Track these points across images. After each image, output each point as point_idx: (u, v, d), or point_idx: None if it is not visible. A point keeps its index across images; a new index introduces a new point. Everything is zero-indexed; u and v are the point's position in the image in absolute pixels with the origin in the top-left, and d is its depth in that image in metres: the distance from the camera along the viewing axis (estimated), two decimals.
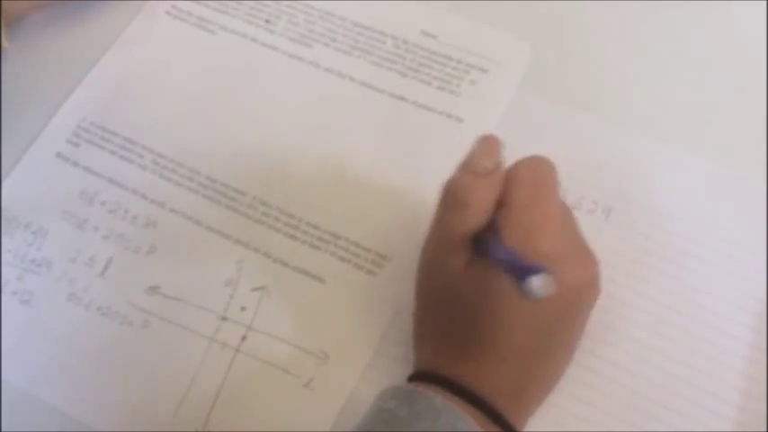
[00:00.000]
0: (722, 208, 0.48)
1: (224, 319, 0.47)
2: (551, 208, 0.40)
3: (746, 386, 0.43)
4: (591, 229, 0.42)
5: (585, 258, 0.41)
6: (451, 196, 0.40)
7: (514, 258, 0.36)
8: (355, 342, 0.46)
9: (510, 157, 0.40)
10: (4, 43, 0.53)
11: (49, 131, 0.54)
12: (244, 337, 0.47)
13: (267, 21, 0.57)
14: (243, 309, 0.47)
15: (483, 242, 0.39)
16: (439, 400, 0.37)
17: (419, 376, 0.41)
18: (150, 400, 0.46)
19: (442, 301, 0.41)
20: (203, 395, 0.45)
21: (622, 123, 0.51)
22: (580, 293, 0.40)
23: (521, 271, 0.33)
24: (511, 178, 0.40)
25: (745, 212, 0.48)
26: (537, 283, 0.32)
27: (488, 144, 0.40)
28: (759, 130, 0.50)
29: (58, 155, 0.53)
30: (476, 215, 0.39)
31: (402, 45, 0.55)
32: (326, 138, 0.52)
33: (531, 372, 0.40)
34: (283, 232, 0.49)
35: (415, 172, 0.50)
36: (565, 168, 0.49)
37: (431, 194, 0.49)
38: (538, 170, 0.41)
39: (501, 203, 0.40)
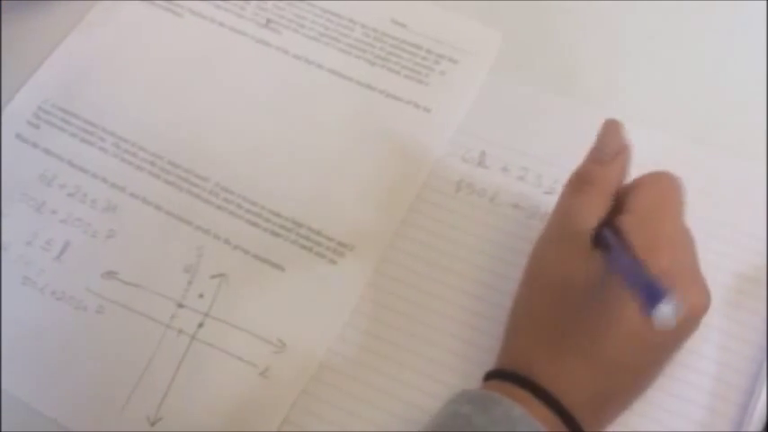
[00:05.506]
0: (720, 193, 0.46)
1: (181, 305, 0.46)
2: (676, 223, 0.39)
3: (744, 367, 0.42)
4: None
5: (701, 286, 0.38)
6: (576, 181, 0.40)
7: (640, 273, 0.33)
8: (314, 331, 0.45)
9: (487, 142, 0.38)
10: None
11: (9, 112, 0.53)
12: (200, 325, 0.46)
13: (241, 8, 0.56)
14: (201, 296, 0.46)
15: (603, 239, 0.37)
16: (517, 410, 0.35)
17: (501, 374, 0.39)
18: (103, 385, 0.45)
19: (551, 290, 0.39)
20: (157, 382, 0.44)
21: (599, 108, 0.48)
22: (691, 321, 0.38)
23: (648, 290, 0.31)
24: (637, 185, 0.40)
25: (745, 197, 0.46)
26: (668, 311, 0.29)
27: (610, 129, 0.41)
28: (758, 115, 0.49)
29: (18, 136, 0.52)
30: (598, 198, 0.39)
31: (371, 33, 0.54)
32: (292, 125, 0.51)
33: (618, 390, 0.38)
34: (245, 219, 0.48)
35: (380, 161, 0.50)
36: (540, 152, 0.48)
37: (395, 184, 0.49)
38: (664, 181, 0.40)
39: (624, 209, 0.39)
